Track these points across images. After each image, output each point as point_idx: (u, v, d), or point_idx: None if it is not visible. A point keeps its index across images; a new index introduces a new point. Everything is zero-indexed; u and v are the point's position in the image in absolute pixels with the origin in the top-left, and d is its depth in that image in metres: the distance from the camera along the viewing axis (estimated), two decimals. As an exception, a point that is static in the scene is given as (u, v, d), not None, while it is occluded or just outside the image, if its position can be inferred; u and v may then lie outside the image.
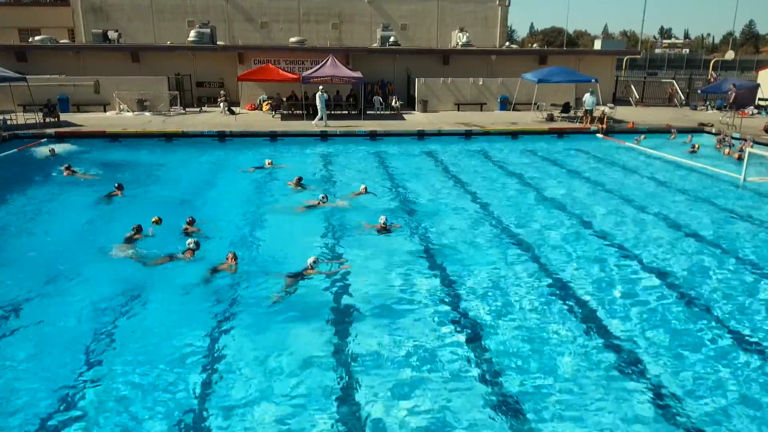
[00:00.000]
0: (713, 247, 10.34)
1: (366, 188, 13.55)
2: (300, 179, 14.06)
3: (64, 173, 14.79)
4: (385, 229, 10.82)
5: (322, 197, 12.45)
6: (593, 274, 9.14)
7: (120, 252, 9.60)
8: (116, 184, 13.26)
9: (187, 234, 10.23)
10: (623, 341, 7.07)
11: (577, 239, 10.77)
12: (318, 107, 22.31)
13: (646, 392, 6.03)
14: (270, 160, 16.44)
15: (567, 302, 8.14)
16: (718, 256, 9.93)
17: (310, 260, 8.90)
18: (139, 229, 10.26)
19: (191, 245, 9.39)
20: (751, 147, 16.69)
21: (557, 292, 8.47)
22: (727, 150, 19.33)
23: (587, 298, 8.29)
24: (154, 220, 10.64)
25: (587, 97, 23.47)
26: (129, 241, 10.00)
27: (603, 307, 7.98)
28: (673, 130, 22.45)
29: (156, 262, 9.18)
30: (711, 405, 5.84)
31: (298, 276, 8.65)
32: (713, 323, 7.55)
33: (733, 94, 24.42)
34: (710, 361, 6.65)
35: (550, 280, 8.88)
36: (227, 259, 8.92)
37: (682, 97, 32.91)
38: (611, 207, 13.04)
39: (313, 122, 22.17)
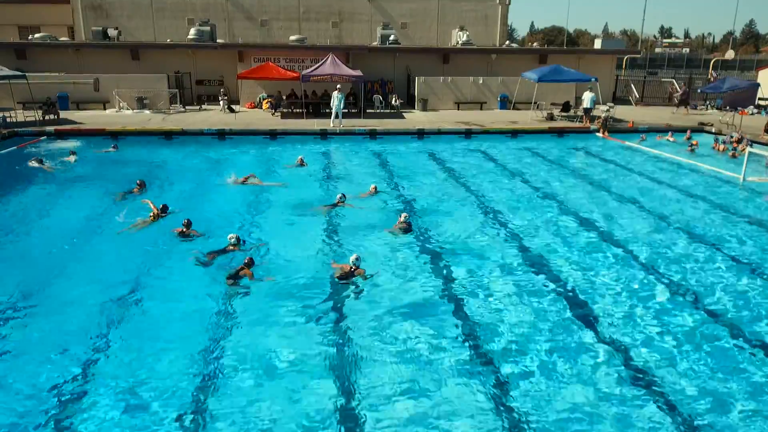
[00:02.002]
0: (714, 245, 10.39)
1: (376, 188, 13.43)
2: (246, 178, 14.06)
3: (35, 164, 15.15)
4: (408, 228, 10.70)
5: (340, 196, 12.39)
6: (593, 271, 9.16)
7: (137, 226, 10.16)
8: (138, 181, 13.17)
9: (185, 236, 10.22)
10: (623, 339, 7.10)
11: (575, 237, 10.80)
12: (333, 106, 22.19)
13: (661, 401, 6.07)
14: (301, 157, 16.50)
15: (565, 298, 8.16)
16: (716, 252, 9.98)
17: (352, 258, 8.64)
18: (142, 184, 10.67)
19: (232, 240, 9.42)
20: (751, 146, 16.71)
21: (556, 288, 8.49)
22: (722, 147, 19.36)
23: (587, 295, 8.31)
24: (153, 214, 10.69)
25: (586, 95, 23.47)
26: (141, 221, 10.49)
27: (602, 305, 7.99)
28: (687, 132, 22.00)
29: (209, 257, 9.15)
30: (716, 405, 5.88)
31: (348, 276, 8.46)
32: (716, 322, 7.59)
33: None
34: (705, 356, 6.68)
35: (549, 277, 8.89)
36: (246, 266, 8.59)
37: (683, 97, 32.91)
38: (610, 206, 13.05)
39: (331, 124, 22.07)
